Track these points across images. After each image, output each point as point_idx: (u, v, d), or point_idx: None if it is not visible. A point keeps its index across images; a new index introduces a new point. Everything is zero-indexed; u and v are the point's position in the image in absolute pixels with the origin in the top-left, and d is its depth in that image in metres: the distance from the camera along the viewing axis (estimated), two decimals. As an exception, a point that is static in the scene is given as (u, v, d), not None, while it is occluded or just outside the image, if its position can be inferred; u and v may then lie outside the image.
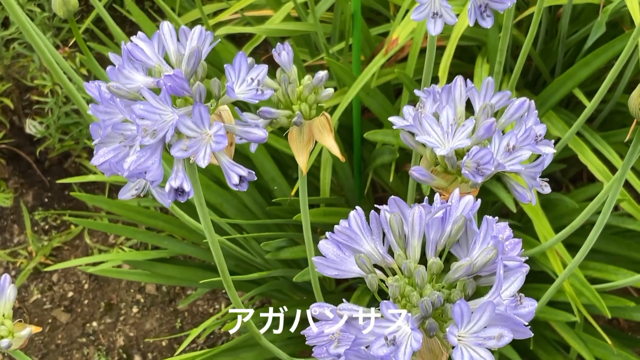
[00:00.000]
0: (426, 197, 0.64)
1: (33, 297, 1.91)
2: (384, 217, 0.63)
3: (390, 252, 0.63)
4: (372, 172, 1.60)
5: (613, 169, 1.46)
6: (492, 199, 1.44)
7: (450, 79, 1.57)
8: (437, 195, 0.63)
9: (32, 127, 1.98)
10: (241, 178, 0.68)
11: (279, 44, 0.79)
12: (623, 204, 1.37)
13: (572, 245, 1.35)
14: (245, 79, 0.69)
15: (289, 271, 1.48)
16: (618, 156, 1.44)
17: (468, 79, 0.70)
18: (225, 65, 0.67)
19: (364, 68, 1.57)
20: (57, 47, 1.95)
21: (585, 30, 1.60)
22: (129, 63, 0.68)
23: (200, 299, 1.89)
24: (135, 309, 1.90)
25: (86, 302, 1.91)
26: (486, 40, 1.51)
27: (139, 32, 0.71)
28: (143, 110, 0.65)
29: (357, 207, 0.62)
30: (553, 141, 0.69)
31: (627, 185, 1.58)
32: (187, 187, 0.65)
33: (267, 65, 0.69)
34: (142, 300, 1.91)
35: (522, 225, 1.48)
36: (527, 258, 0.61)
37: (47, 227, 2.01)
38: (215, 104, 0.70)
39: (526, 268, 0.61)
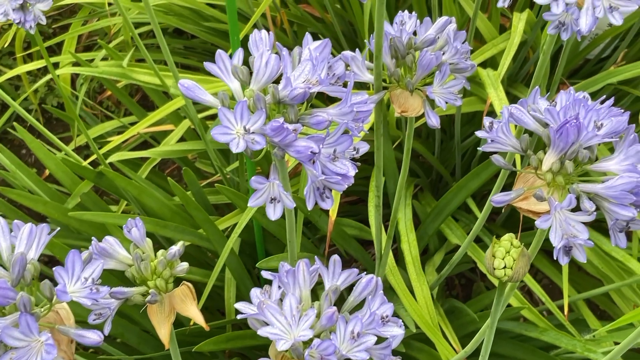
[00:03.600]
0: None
1: None
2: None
3: None
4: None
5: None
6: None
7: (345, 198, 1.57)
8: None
9: None
10: (78, 384, 0.64)
11: (129, 219, 0.77)
12: (524, 311, 1.37)
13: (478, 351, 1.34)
14: (80, 276, 0.66)
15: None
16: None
17: (317, 261, 0.69)
18: (54, 269, 0.64)
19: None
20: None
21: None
22: (-46, 269, 0.64)
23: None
24: None
25: None
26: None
27: (-31, 231, 0.67)
28: (-34, 322, 0.61)
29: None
30: (401, 323, 0.68)
31: (529, 293, 1.59)
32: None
33: (102, 261, 0.67)
34: None
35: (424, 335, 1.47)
36: None
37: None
38: (50, 304, 0.67)
39: None
